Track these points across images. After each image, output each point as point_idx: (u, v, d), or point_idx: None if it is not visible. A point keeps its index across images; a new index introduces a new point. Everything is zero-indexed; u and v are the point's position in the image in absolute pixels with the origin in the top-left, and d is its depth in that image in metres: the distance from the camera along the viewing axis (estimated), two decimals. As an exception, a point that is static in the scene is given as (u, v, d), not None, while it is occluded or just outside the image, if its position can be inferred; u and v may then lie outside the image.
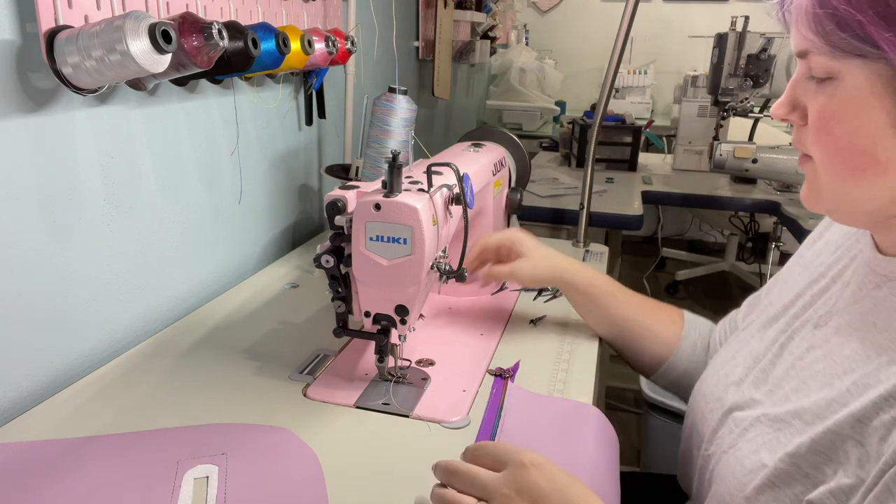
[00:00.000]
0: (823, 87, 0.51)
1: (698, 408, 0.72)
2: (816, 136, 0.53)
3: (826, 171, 0.54)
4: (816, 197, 0.57)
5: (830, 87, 0.51)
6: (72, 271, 0.83)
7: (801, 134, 0.56)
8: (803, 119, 0.55)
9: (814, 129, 0.53)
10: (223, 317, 1.02)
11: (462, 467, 0.56)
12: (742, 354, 0.70)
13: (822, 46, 0.50)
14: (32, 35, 0.72)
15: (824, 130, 0.52)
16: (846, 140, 0.51)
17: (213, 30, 0.77)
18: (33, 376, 0.80)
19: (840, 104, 0.50)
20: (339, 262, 0.76)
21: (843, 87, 0.50)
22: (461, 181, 0.79)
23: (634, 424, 2.19)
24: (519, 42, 3.88)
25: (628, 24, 1.23)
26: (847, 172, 0.52)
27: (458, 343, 0.94)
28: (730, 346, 0.74)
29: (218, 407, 0.77)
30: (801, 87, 0.55)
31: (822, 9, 0.48)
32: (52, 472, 0.65)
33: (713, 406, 0.68)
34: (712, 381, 0.71)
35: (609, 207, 1.80)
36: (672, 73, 3.79)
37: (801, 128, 0.56)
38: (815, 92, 0.53)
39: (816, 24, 0.49)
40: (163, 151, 0.97)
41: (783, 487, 0.53)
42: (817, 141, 0.53)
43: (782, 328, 0.66)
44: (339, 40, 1.20)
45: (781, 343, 0.64)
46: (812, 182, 0.57)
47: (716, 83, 1.95)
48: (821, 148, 0.53)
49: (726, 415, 0.65)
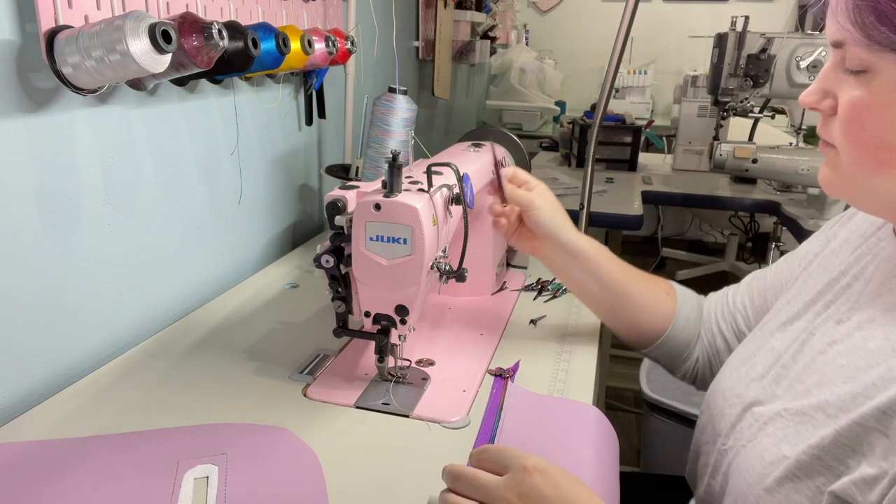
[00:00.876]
0: (857, 79, 0.51)
1: (716, 405, 0.72)
2: (846, 126, 0.53)
3: (851, 162, 0.54)
4: (838, 184, 0.57)
5: (864, 79, 0.51)
6: (72, 271, 0.83)
7: (829, 123, 0.56)
8: (832, 109, 0.55)
9: (844, 119, 0.53)
10: (223, 317, 1.02)
11: (465, 472, 0.55)
12: (763, 352, 0.69)
13: (860, 38, 0.49)
14: (32, 35, 0.72)
15: (855, 122, 0.52)
16: (875, 133, 0.51)
17: (213, 30, 0.77)
18: (33, 376, 0.80)
19: (873, 97, 0.50)
20: (339, 262, 0.76)
21: (877, 80, 0.50)
22: (461, 181, 0.79)
23: (634, 424, 2.19)
24: (519, 42, 3.89)
25: (628, 24, 1.23)
26: (874, 166, 0.52)
27: (458, 343, 0.94)
28: (748, 345, 0.74)
29: (218, 407, 0.77)
30: (832, 77, 0.55)
31: (864, 1, 0.48)
32: (52, 472, 0.65)
33: (732, 402, 0.68)
34: (732, 379, 0.71)
35: (609, 207, 1.80)
36: (672, 73, 3.79)
37: (828, 117, 0.56)
38: (846, 83, 0.53)
39: (856, 16, 0.49)
40: (163, 151, 0.97)
41: (804, 479, 0.53)
42: (846, 132, 0.53)
43: (804, 326, 0.66)
44: (339, 40, 1.20)
45: (803, 339, 0.64)
46: (834, 168, 0.57)
47: (716, 83, 1.95)
48: (849, 140, 0.53)
49: (745, 410, 0.65)
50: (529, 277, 1.20)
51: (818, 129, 0.58)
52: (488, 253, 1.08)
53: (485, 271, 1.09)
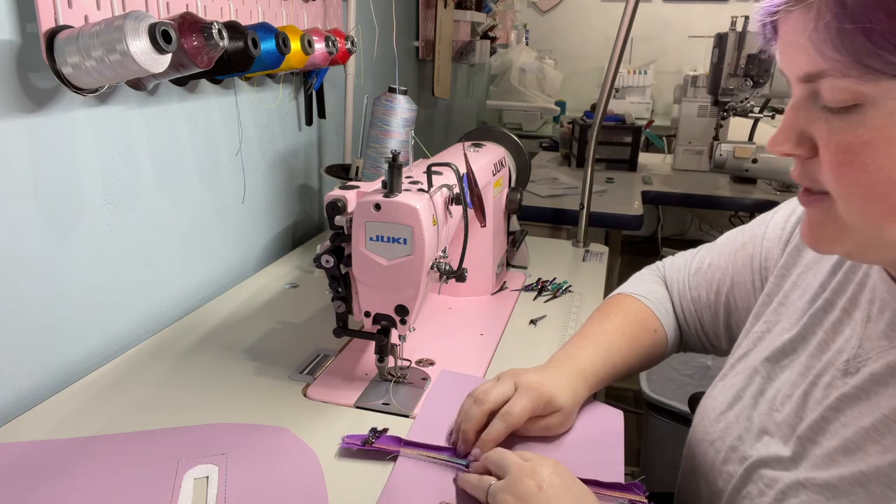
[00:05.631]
0: (845, 115, 0.43)
1: (705, 457, 0.66)
2: (840, 171, 0.44)
3: (855, 212, 0.45)
4: (836, 238, 0.48)
5: (857, 114, 0.43)
6: (72, 271, 0.83)
7: (810, 167, 0.48)
8: (810, 152, 0.47)
9: (836, 163, 0.45)
10: (223, 317, 1.02)
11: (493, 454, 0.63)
12: (750, 393, 0.64)
13: (850, 68, 0.41)
14: (32, 35, 0.72)
15: (854, 165, 0.43)
16: (885, 175, 0.42)
17: (213, 30, 0.77)
18: (33, 376, 0.80)
19: (875, 133, 0.42)
20: (339, 262, 0.76)
21: (876, 113, 0.42)
22: (461, 181, 0.79)
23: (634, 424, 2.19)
24: (519, 42, 3.88)
25: (628, 24, 1.23)
26: (885, 213, 0.44)
27: (458, 343, 0.94)
28: (729, 379, 0.69)
29: (218, 407, 0.77)
30: (804, 116, 0.47)
31: (854, 23, 0.40)
32: (52, 472, 0.65)
33: (727, 457, 0.63)
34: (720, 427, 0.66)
35: (609, 207, 1.80)
36: (672, 73, 3.79)
37: (807, 161, 0.48)
38: (827, 122, 0.45)
39: (842, 42, 0.41)
40: (163, 151, 0.97)
41: None
42: (841, 177, 0.45)
43: (801, 372, 0.59)
44: (339, 40, 1.20)
45: (804, 391, 0.58)
46: (824, 222, 0.48)
47: (716, 83, 1.95)
48: (847, 186, 0.45)
49: (751, 471, 0.59)
50: (529, 277, 1.20)
51: (794, 176, 0.50)
52: (488, 253, 1.08)
53: (485, 271, 1.09)
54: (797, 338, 0.62)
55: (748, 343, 0.69)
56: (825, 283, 0.62)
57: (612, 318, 0.83)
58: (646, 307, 0.85)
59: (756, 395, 0.64)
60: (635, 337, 0.82)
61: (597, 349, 0.78)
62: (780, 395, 0.61)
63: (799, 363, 0.60)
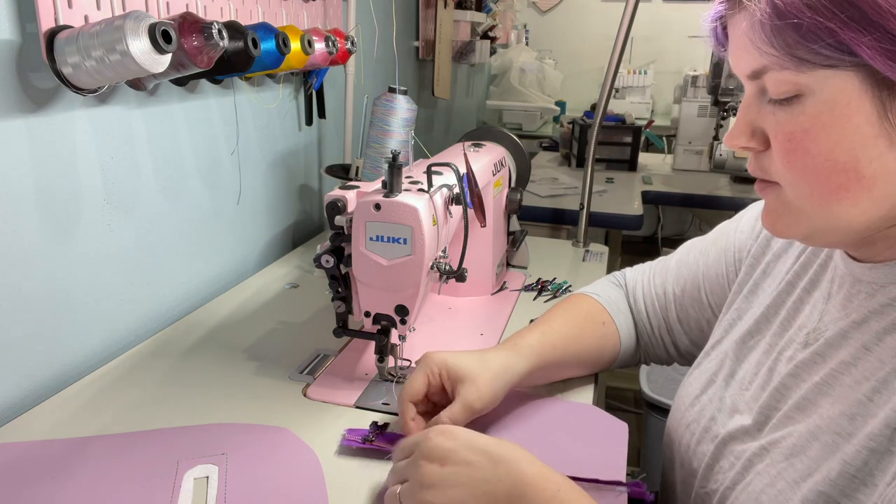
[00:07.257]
0: (788, 106, 0.47)
1: (681, 440, 0.68)
2: (788, 158, 0.48)
3: (802, 195, 0.49)
4: (790, 223, 0.52)
5: (798, 104, 0.47)
6: (72, 271, 0.83)
7: (762, 160, 0.52)
8: (763, 144, 0.51)
9: (784, 151, 0.49)
10: (223, 317, 1.02)
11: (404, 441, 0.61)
12: (722, 376, 0.66)
13: (786, 61, 0.45)
14: (32, 35, 0.72)
15: (798, 152, 0.48)
16: (824, 157, 0.46)
17: (213, 30, 0.77)
18: (33, 376, 0.80)
19: (813, 120, 0.46)
20: (339, 262, 0.76)
21: (813, 101, 0.46)
22: (461, 181, 0.79)
23: (634, 424, 2.19)
24: (519, 42, 3.88)
25: (628, 24, 1.23)
26: (829, 193, 0.48)
27: (458, 343, 0.94)
28: (703, 365, 0.71)
29: (218, 407, 0.77)
30: (755, 110, 0.51)
31: (783, 20, 0.44)
32: (52, 472, 0.65)
33: (701, 437, 0.65)
34: (695, 410, 0.68)
35: (609, 207, 1.80)
36: (672, 73, 3.79)
37: (760, 154, 0.52)
38: (773, 114, 0.49)
39: (777, 38, 0.45)
40: (163, 151, 0.97)
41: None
42: (789, 164, 0.49)
43: (765, 350, 0.62)
44: (339, 40, 1.20)
45: (769, 367, 0.61)
46: (778, 209, 0.53)
47: (716, 83, 1.95)
48: (795, 171, 0.49)
49: (721, 447, 0.61)
50: (529, 277, 1.20)
51: (750, 169, 0.54)
52: (488, 253, 1.08)
53: (485, 271, 1.09)
54: (762, 318, 0.65)
55: (720, 331, 0.71)
56: (789, 269, 0.65)
57: (554, 309, 0.86)
58: (594, 300, 0.87)
59: (727, 378, 0.66)
60: (579, 325, 0.83)
61: (532, 329, 0.80)
62: (748, 375, 0.63)
63: (764, 342, 0.63)
